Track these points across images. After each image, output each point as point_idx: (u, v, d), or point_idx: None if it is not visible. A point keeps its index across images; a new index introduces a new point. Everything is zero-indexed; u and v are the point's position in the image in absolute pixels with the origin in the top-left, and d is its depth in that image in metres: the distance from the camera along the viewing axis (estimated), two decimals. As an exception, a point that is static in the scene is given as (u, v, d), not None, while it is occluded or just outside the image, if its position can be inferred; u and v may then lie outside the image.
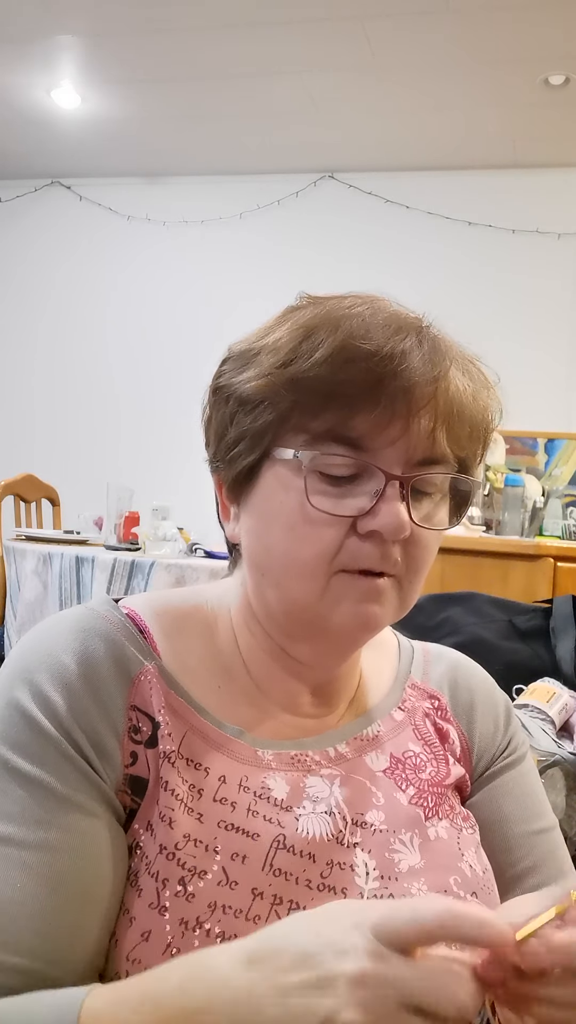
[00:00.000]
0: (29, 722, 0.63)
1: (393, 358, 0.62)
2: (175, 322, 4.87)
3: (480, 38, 3.39)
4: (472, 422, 0.67)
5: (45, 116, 4.34)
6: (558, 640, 1.80)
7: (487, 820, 0.76)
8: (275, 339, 0.66)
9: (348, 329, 0.63)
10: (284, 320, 0.68)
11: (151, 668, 0.68)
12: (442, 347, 0.66)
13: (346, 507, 0.64)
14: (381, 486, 0.64)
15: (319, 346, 0.63)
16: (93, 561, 2.66)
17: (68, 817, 0.61)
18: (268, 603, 0.69)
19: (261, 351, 0.67)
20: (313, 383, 0.63)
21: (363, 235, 4.59)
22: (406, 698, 0.78)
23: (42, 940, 0.57)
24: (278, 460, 0.66)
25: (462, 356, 0.68)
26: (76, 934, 0.59)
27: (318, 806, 0.67)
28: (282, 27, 3.43)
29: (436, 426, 0.65)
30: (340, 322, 0.64)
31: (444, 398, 0.64)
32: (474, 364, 0.69)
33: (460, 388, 0.66)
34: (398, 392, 0.62)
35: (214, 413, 0.71)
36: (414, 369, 0.63)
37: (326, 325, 0.64)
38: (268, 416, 0.65)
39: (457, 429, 0.66)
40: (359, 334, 0.63)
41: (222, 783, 0.66)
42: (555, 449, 4.15)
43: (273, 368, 0.65)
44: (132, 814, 0.64)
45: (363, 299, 0.67)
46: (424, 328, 0.66)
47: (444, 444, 0.66)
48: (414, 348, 0.63)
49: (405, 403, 0.63)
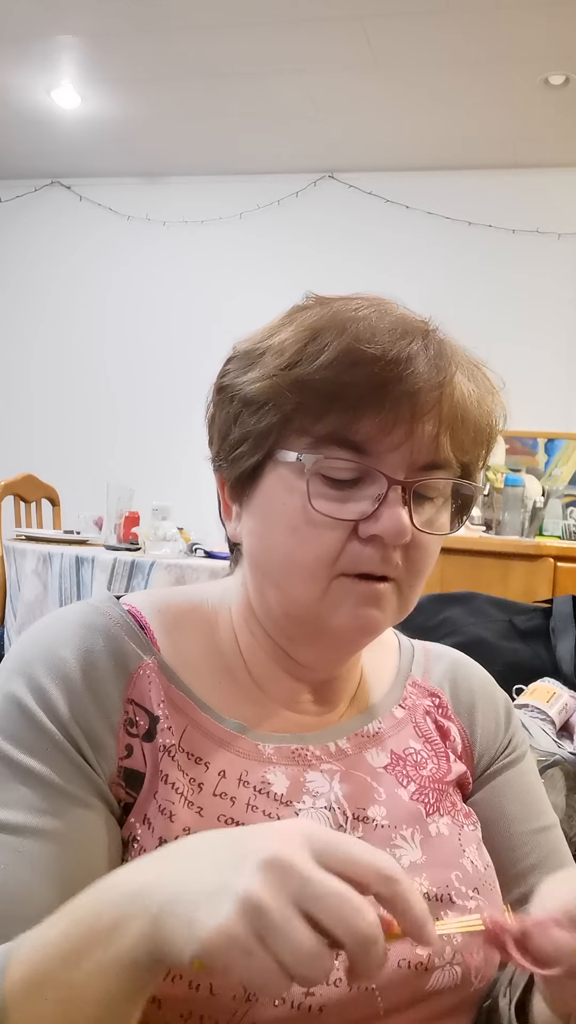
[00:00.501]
0: (26, 715, 0.63)
1: (398, 362, 0.62)
2: (175, 322, 4.87)
3: (480, 38, 3.39)
4: (476, 427, 0.67)
5: (45, 116, 4.34)
6: (558, 640, 1.80)
7: (489, 819, 0.76)
8: (280, 340, 0.66)
9: (354, 332, 0.63)
10: (290, 320, 0.68)
11: (150, 663, 0.68)
12: (448, 351, 0.65)
13: (348, 511, 0.64)
14: (383, 490, 0.64)
15: (324, 349, 0.63)
16: (93, 561, 2.66)
17: (64, 808, 0.61)
18: (268, 604, 0.69)
19: (266, 352, 0.67)
20: (317, 386, 0.63)
21: (363, 235, 4.59)
22: (407, 696, 0.78)
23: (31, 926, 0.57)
24: (281, 462, 0.66)
25: (467, 361, 0.68)
26: None
27: (318, 801, 0.67)
28: (282, 27, 3.43)
29: (440, 431, 0.65)
30: (346, 325, 0.64)
31: (449, 403, 0.64)
32: (479, 369, 0.69)
33: (465, 393, 0.66)
34: (403, 397, 0.62)
35: (217, 412, 0.71)
36: (419, 374, 0.63)
37: (332, 328, 0.64)
38: (272, 418, 0.65)
39: (461, 434, 0.66)
40: (365, 337, 0.63)
41: (222, 778, 0.66)
42: (555, 449, 4.15)
43: (278, 370, 0.65)
44: (127, 808, 0.64)
45: (370, 301, 0.67)
46: (430, 332, 0.66)
47: (447, 449, 0.66)
48: (420, 352, 0.63)
49: (409, 408, 0.63)
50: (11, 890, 0.58)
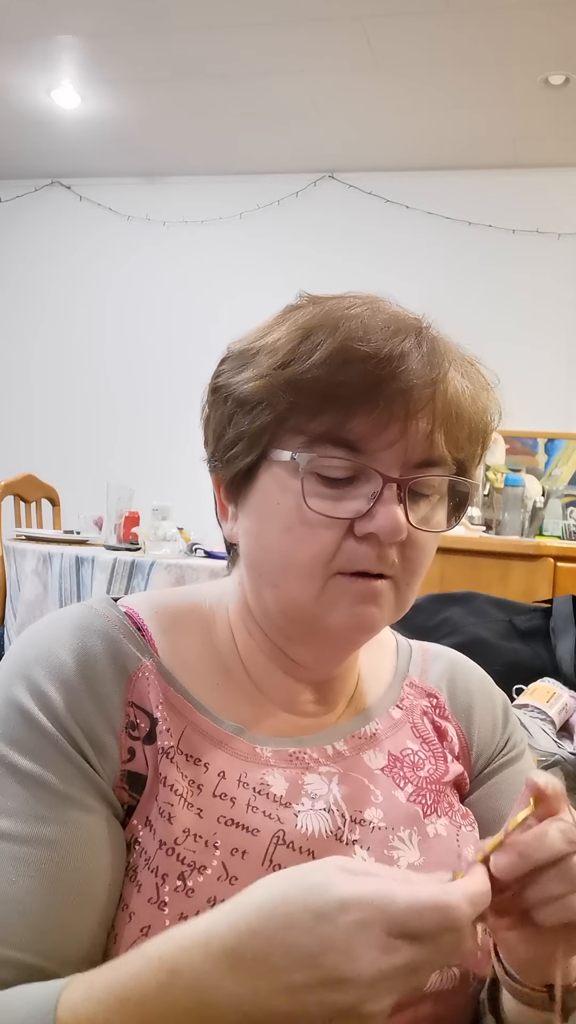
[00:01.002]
0: (26, 719, 0.63)
1: (391, 360, 0.62)
2: (175, 322, 4.87)
3: (480, 38, 3.39)
4: (471, 424, 0.67)
5: (45, 116, 4.34)
6: (558, 640, 1.80)
7: (487, 818, 0.76)
8: (274, 340, 0.66)
9: (347, 330, 0.63)
10: (283, 320, 0.68)
11: (149, 665, 0.68)
12: (441, 348, 0.65)
13: (343, 509, 0.64)
14: (378, 488, 0.63)
15: (317, 347, 0.63)
16: (93, 561, 2.66)
17: (66, 813, 0.61)
18: (265, 603, 0.69)
19: (260, 351, 0.67)
20: (311, 385, 0.63)
21: (363, 235, 4.59)
22: (404, 696, 0.78)
23: (38, 935, 0.57)
24: (275, 461, 0.66)
25: (461, 358, 0.68)
26: (73, 930, 0.59)
27: (317, 803, 0.67)
28: (282, 27, 3.43)
29: (434, 428, 0.64)
30: (339, 323, 0.64)
31: (442, 400, 0.64)
32: (473, 365, 0.69)
33: (459, 390, 0.65)
34: (396, 394, 0.62)
35: (212, 412, 0.71)
36: (412, 371, 0.62)
37: (325, 326, 0.64)
38: (266, 417, 0.65)
39: (455, 431, 0.66)
40: (357, 335, 0.63)
41: (221, 779, 0.66)
42: (555, 449, 4.15)
43: (271, 369, 0.65)
44: (130, 810, 0.64)
45: (362, 299, 0.67)
46: (423, 329, 0.66)
47: (442, 446, 0.65)
48: (413, 350, 0.63)
49: (403, 405, 0.63)
50: (17, 899, 0.58)
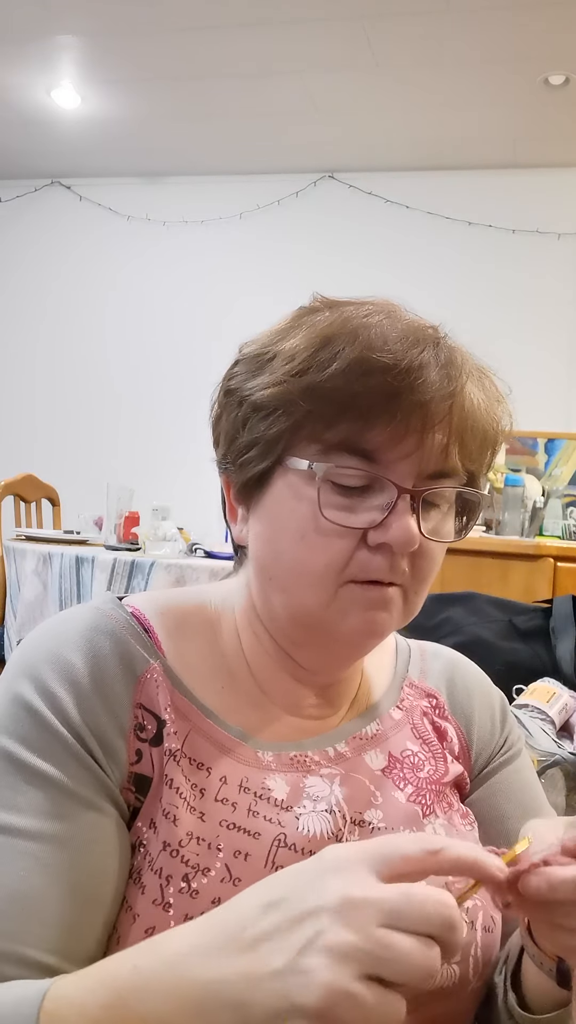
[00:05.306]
0: (36, 719, 0.63)
1: (411, 372, 0.62)
2: (175, 322, 4.87)
3: (480, 38, 3.39)
4: (484, 436, 0.68)
5: (45, 116, 4.34)
6: (558, 640, 1.80)
7: (486, 817, 0.77)
8: (291, 345, 0.66)
9: (366, 340, 0.63)
10: (299, 324, 0.67)
11: (157, 667, 0.68)
12: (458, 360, 0.65)
13: (357, 519, 0.64)
14: (393, 499, 0.64)
15: (336, 357, 0.63)
16: (93, 561, 2.66)
17: (75, 812, 0.61)
18: (273, 608, 0.69)
19: (276, 356, 0.66)
20: (329, 393, 0.63)
21: (363, 235, 4.59)
22: (404, 697, 0.78)
23: (46, 930, 0.58)
24: (291, 469, 0.66)
25: (477, 368, 0.68)
26: (78, 927, 0.59)
27: (318, 805, 0.68)
28: (282, 27, 3.43)
29: (450, 441, 0.65)
30: (358, 332, 0.63)
31: (459, 414, 0.64)
32: (487, 376, 0.69)
33: (475, 403, 0.66)
34: (414, 406, 0.62)
35: (225, 414, 0.71)
36: (431, 383, 0.62)
37: (343, 335, 0.64)
38: (282, 424, 0.65)
39: (470, 443, 0.66)
40: (377, 346, 0.63)
41: (223, 783, 0.66)
42: (555, 449, 4.15)
43: (288, 376, 0.64)
44: (135, 812, 0.64)
45: (379, 307, 0.67)
46: (441, 340, 0.66)
47: (456, 458, 0.66)
48: (431, 361, 0.63)
49: (420, 418, 0.63)
50: (25, 895, 0.58)
